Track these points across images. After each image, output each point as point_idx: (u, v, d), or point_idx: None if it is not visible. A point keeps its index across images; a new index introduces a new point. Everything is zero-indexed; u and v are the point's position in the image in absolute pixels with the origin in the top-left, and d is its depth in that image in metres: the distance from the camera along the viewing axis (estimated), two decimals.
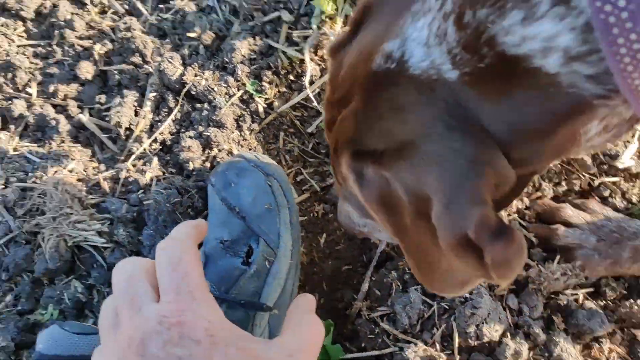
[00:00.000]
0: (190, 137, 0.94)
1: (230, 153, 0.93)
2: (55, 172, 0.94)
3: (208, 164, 0.95)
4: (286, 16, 1.01)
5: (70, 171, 0.94)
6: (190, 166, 0.93)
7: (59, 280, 0.90)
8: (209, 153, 0.94)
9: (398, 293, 0.81)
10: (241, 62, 0.97)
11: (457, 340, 0.74)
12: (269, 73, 0.96)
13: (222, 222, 0.80)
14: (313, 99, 0.95)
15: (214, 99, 0.95)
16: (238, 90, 0.96)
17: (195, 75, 0.97)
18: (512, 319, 0.76)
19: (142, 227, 0.90)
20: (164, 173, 0.95)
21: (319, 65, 0.99)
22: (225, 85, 0.96)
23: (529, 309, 0.76)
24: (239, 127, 0.95)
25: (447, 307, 0.77)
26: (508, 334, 0.74)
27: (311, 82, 0.96)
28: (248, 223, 0.79)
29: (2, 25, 1.12)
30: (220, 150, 0.94)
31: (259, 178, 0.82)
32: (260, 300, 0.75)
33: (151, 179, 0.94)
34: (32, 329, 0.90)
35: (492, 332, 0.73)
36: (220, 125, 0.94)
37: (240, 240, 0.78)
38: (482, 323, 0.73)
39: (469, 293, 0.76)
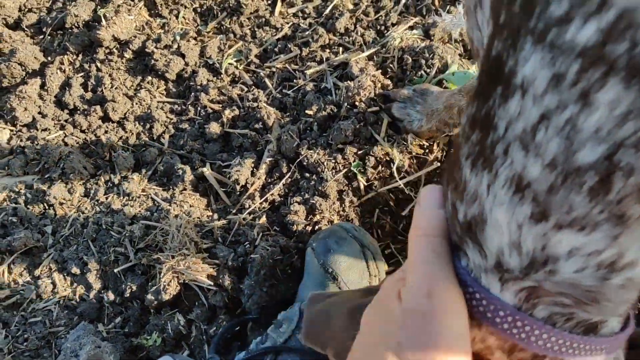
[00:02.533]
0: (297, 202, 1.06)
1: (330, 222, 1.04)
2: (177, 215, 1.07)
3: (309, 228, 1.05)
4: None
5: (190, 216, 1.07)
6: (294, 228, 1.04)
7: (164, 312, 1.02)
8: (311, 219, 1.05)
9: None
10: (349, 144, 1.09)
11: None
12: (372, 159, 1.07)
13: (319, 284, 0.89)
14: (404, 188, 1.05)
15: (322, 171, 1.07)
16: (344, 167, 1.07)
17: (309, 149, 1.09)
18: None
19: (244, 277, 1.00)
20: (269, 230, 1.06)
21: (410, 160, 1.09)
22: (333, 161, 1.07)
23: None
24: (340, 200, 1.05)
25: None
26: None
27: (401, 173, 1.06)
28: (342, 287, 0.88)
29: (147, 83, 1.31)
30: (322, 218, 1.04)
31: (356, 248, 0.91)
32: None
33: (258, 234, 1.05)
34: (135, 351, 1.01)
35: None
36: (324, 195, 1.05)
37: None
38: None
39: None
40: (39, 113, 1.29)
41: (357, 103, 1.12)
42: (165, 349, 1.00)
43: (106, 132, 1.25)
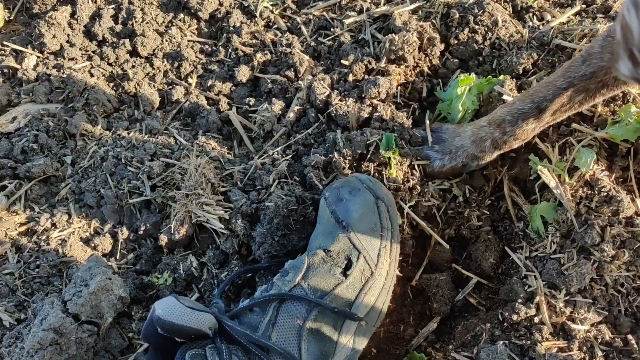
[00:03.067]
0: (319, 154, 1.01)
1: None
2: (198, 156, 1.04)
3: (327, 181, 1.01)
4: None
5: (211, 158, 1.03)
6: (313, 180, 0.99)
7: (178, 252, 1.00)
8: (331, 172, 1.00)
9: (486, 343, 0.83)
10: (382, 101, 1.04)
11: None
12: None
13: (328, 233, 0.86)
14: None
15: (350, 125, 1.02)
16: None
17: (340, 100, 1.04)
18: None
19: (256, 224, 0.97)
20: (287, 179, 1.02)
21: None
22: (366, 116, 1.02)
23: None
24: (361, 156, 1.00)
25: None
26: None
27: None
28: (352, 238, 0.84)
29: (179, 20, 1.27)
30: (342, 172, 0.99)
31: (369, 199, 0.87)
32: (351, 311, 0.79)
33: (274, 181, 1.01)
34: (144, 288, 0.99)
35: None
36: (349, 149, 1.00)
37: (341, 252, 0.83)
38: None
39: None
40: (67, 42, 1.26)
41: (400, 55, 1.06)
42: (175, 289, 0.98)
43: (133, 66, 1.21)
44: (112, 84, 1.22)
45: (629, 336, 0.82)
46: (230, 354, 0.71)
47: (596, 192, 0.88)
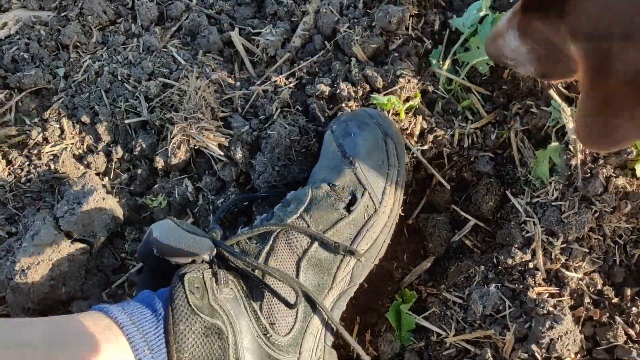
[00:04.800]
0: (324, 84, 0.97)
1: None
2: (197, 77, 1.00)
3: (331, 113, 0.98)
4: None
5: (211, 81, 0.99)
6: (316, 110, 0.96)
7: (173, 175, 0.98)
8: (336, 104, 0.97)
9: (478, 285, 0.84)
10: (393, 32, 0.99)
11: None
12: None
13: (334, 167, 0.84)
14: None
15: (356, 55, 0.98)
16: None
17: (349, 28, 0.99)
18: (587, 344, 0.77)
19: (257, 152, 0.94)
20: (290, 107, 0.99)
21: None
22: (373, 46, 0.98)
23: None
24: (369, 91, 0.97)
25: (525, 312, 0.79)
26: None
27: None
28: (358, 173, 0.82)
29: None
30: (346, 105, 0.96)
31: (378, 135, 0.85)
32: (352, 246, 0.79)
33: (276, 109, 0.97)
34: (138, 210, 0.98)
35: (565, 350, 0.74)
36: (353, 82, 0.96)
37: (346, 187, 0.82)
38: (558, 339, 0.74)
39: (552, 307, 0.77)
40: None
41: None
42: (169, 212, 0.97)
43: None
44: None
45: (625, 289, 0.83)
46: (228, 280, 0.70)
47: None
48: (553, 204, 0.86)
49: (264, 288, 0.72)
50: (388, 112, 0.94)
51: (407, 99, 0.96)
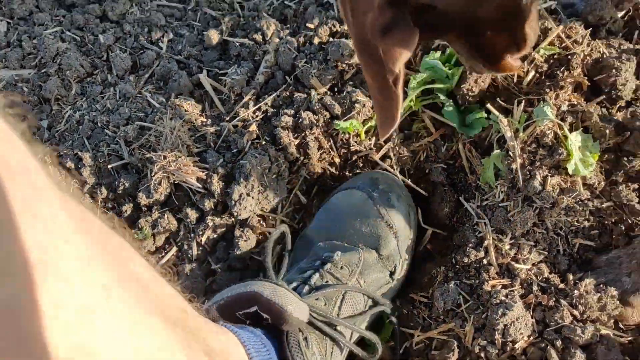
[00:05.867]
0: (287, 115, 1.07)
1: (317, 139, 1.05)
2: (172, 118, 1.09)
3: (297, 142, 1.07)
4: None
5: (184, 121, 1.09)
6: (283, 140, 1.05)
7: (156, 209, 1.06)
8: (300, 133, 1.07)
9: (440, 284, 0.93)
10: (345, 63, 1.09)
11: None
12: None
13: (379, 236, 0.95)
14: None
15: (315, 86, 1.08)
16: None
17: (306, 62, 1.10)
18: (538, 327, 0.86)
19: (232, 182, 1.03)
20: (259, 139, 1.08)
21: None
22: (329, 76, 1.08)
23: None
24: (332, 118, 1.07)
25: (481, 304, 0.88)
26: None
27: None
28: (399, 245, 0.96)
29: None
30: (310, 133, 1.06)
31: (409, 209, 1.00)
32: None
33: (247, 142, 1.07)
34: None
35: (518, 334, 0.83)
36: (314, 111, 1.06)
37: (391, 257, 0.95)
38: (511, 324, 0.83)
39: (504, 296, 0.86)
40: (36, 7, 1.27)
41: None
42: (155, 244, 1.04)
43: (104, 31, 1.24)
44: (83, 49, 1.25)
45: (567, 275, 0.92)
46: (313, 343, 0.78)
47: (541, 145, 0.97)
48: (500, 205, 0.96)
49: (344, 345, 0.82)
50: (349, 134, 1.04)
51: (365, 121, 1.06)
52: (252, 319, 0.76)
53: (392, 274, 0.94)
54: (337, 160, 1.08)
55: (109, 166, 1.08)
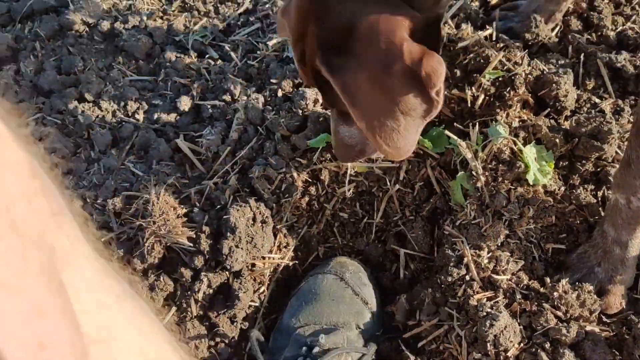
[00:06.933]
0: (260, 166, 1.13)
1: (292, 177, 1.12)
2: (156, 184, 1.15)
3: (273, 186, 1.13)
4: None
5: (168, 185, 1.15)
6: (259, 189, 1.12)
7: (151, 273, 1.10)
8: (277, 177, 1.13)
9: (428, 306, 0.98)
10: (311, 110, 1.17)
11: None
12: None
13: (357, 312, 1.02)
14: None
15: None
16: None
17: (275, 114, 1.17)
18: (526, 333, 0.91)
19: (220, 237, 1.08)
20: (240, 192, 1.15)
21: None
22: (296, 124, 1.16)
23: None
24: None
25: (470, 319, 0.93)
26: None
27: None
28: (374, 318, 1.03)
29: (118, 63, 1.37)
30: (284, 175, 1.12)
31: (374, 285, 1.08)
32: None
33: (229, 197, 1.13)
34: None
35: (508, 342, 0.87)
36: (283, 156, 1.13)
37: (369, 329, 1.01)
38: (500, 334, 0.88)
39: (489, 308, 0.91)
40: (15, 99, 1.34)
41: None
42: (155, 307, 1.09)
43: (83, 112, 1.31)
44: (65, 130, 1.31)
45: (545, 279, 0.98)
46: None
47: (500, 161, 1.04)
48: (472, 222, 1.02)
49: None
50: (324, 148, 1.12)
51: None
52: None
53: (367, 342, 0.99)
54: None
55: (103, 239, 1.13)
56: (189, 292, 1.08)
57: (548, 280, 0.96)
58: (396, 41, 0.65)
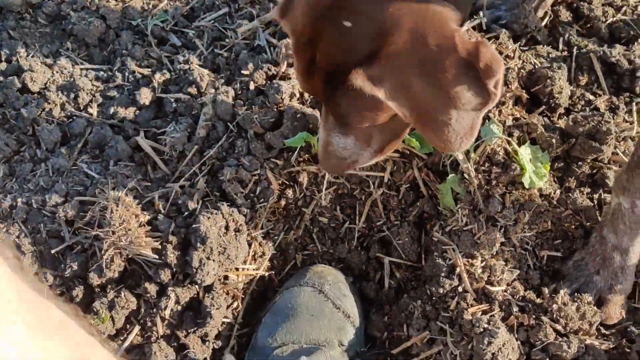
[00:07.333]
0: (231, 167, 1.03)
1: (267, 180, 1.02)
2: (114, 188, 1.03)
3: (247, 190, 1.03)
4: None
5: (128, 189, 1.02)
6: (231, 194, 1.01)
7: (110, 289, 0.99)
8: (250, 179, 1.03)
9: (418, 319, 0.91)
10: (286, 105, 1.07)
11: None
12: None
13: (339, 328, 0.94)
14: None
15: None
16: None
17: (247, 109, 1.06)
18: (524, 348, 0.86)
19: (189, 248, 0.97)
20: (209, 196, 1.04)
21: None
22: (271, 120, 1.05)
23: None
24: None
25: (464, 334, 0.87)
26: None
27: None
28: (357, 332, 0.96)
29: (67, 49, 1.23)
30: (258, 177, 1.02)
31: (356, 294, 1.01)
32: None
33: (198, 202, 1.02)
34: None
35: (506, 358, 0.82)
36: (257, 156, 1.03)
37: (353, 345, 0.94)
38: (498, 352, 0.82)
39: (486, 323, 0.84)
40: None
41: None
42: (115, 327, 0.97)
43: (26, 104, 1.16)
44: (6, 126, 1.16)
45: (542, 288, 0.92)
46: None
47: (494, 163, 0.97)
48: (464, 229, 0.95)
49: None
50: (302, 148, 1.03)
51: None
52: None
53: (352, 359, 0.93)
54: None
55: (53, 251, 1.00)
56: (154, 310, 0.97)
57: (546, 290, 0.91)
58: (447, 34, 0.62)
